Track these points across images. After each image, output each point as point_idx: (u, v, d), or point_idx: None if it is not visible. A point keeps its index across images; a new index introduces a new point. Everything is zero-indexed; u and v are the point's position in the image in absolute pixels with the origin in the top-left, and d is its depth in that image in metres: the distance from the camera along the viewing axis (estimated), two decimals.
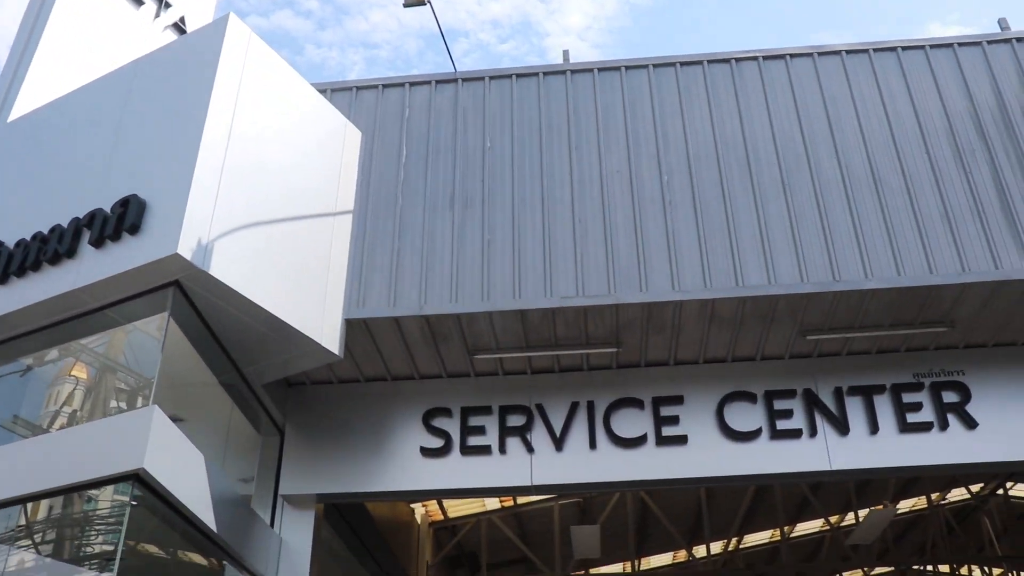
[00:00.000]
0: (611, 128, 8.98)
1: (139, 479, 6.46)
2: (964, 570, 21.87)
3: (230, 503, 7.64)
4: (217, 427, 8.90)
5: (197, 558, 8.49)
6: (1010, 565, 18.53)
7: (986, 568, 21.26)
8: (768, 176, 8.55)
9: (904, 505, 18.34)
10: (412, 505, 14.53)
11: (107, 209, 7.36)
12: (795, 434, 8.51)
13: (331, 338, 8.03)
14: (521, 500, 15.11)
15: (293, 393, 9.16)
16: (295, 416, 9.05)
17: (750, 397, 8.70)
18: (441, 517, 15.46)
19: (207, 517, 7.12)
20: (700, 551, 16.22)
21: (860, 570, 22.41)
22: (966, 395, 8.63)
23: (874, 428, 8.50)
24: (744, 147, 8.72)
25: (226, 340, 7.92)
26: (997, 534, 17.69)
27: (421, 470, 8.67)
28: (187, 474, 7.01)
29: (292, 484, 8.80)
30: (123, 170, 7.66)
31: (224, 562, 8.09)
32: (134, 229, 7.14)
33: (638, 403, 8.75)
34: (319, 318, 7.97)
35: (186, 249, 6.89)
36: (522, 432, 8.70)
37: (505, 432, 8.72)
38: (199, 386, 8.42)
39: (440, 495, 9.15)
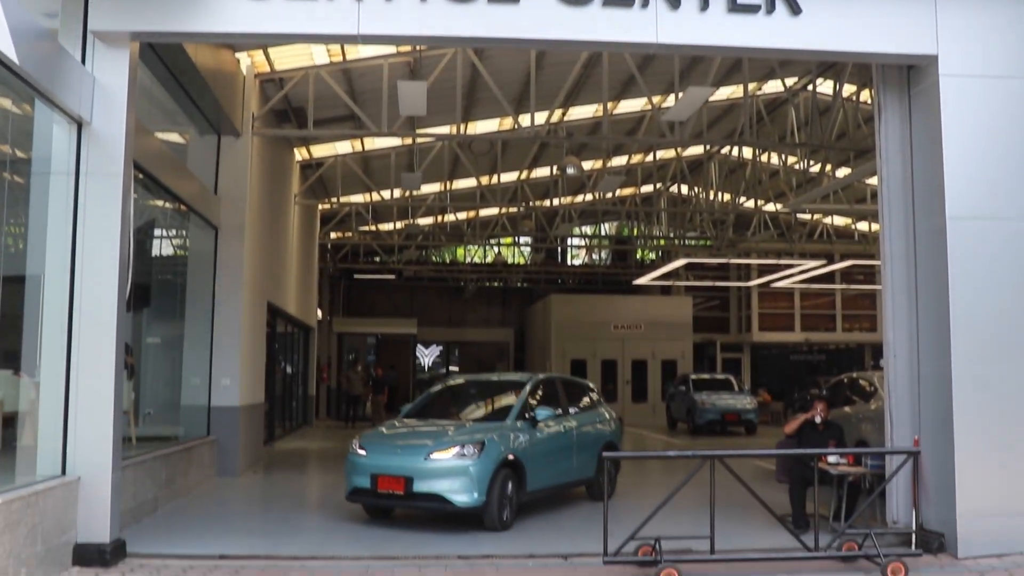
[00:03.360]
0: None
1: None
2: (765, 157, 23.64)
3: (32, 35, 7.10)
4: None
5: (6, 103, 8.08)
6: (804, 152, 20.11)
7: (783, 155, 23.03)
8: None
9: (722, 92, 19.19)
10: (237, 55, 14.06)
11: None
12: (627, 2, 8.46)
13: None
14: (350, 56, 14.86)
15: None
16: None
17: None
18: (268, 69, 15.13)
19: (6, 47, 6.59)
20: (525, 120, 16.68)
21: (674, 149, 23.86)
22: None
23: (704, 5, 8.55)
24: None
25: None
26: (799, 125, 18.94)
27: (244, 11, 8.23)
28: None
29: (103, 19, 8.24)
30: None
31: (35, 101, 7.72)
32: None
33: None
34: None
35: None
36: None
37: None
38: None
39: (264, 40, 8.73)
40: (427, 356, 41.48)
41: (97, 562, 7.74)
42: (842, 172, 21.25)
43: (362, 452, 10.23)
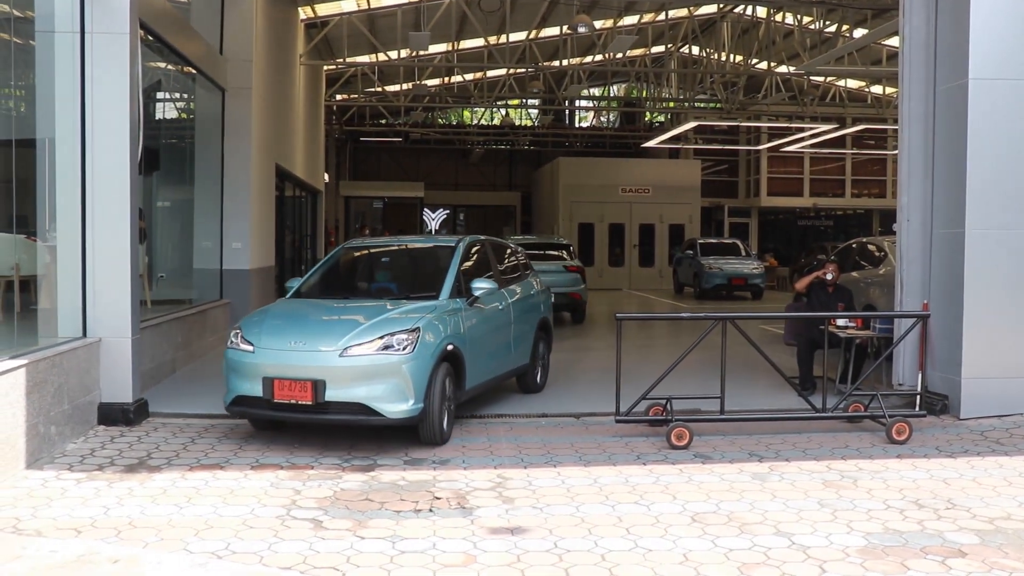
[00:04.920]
0: None
1: None
2: (779, 16, 23.05)
3: None
4: None
5: None
6: (821, 11, 19.58)
7: (799, 15, 22.42)
8: None
9: None
10: None
11: None
12: None
13: None
14: None
15: None
16: None
17: None
18: None
19: None
20: None
21: (687, 8, 23.23)
22: None
23: None
24: None
25: None
26: None
27: None
28: None
29: None
30: None
31: None
32: None
33: None
34: None
35: None
36: None
37: None
38: None
39: None
40: (434, 220, 41.51)
41: (121, 421, 7.95)
42: (859, 32, 20.73)
43: (248, 347, 7.32)
